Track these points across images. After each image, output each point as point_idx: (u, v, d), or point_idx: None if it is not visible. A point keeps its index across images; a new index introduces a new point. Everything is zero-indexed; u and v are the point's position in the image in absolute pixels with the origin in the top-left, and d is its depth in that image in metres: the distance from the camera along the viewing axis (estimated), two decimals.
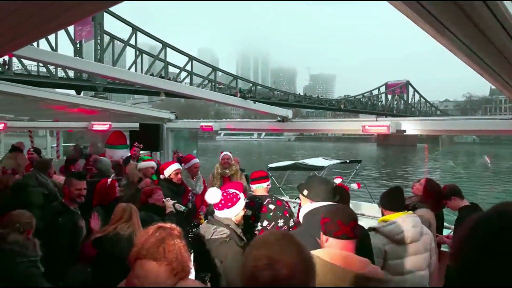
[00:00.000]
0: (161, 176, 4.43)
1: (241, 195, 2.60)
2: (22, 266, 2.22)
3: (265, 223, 3.12)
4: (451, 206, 3.63)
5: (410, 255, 2.66)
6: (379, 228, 2.71)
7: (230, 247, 2.33)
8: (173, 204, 3.51)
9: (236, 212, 2.52)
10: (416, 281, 2.69)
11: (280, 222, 3.15)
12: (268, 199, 3.23)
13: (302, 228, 2.31)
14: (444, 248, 3.89)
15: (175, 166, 4.39)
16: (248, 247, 1.04)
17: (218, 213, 2.52)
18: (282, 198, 3.52)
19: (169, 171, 4.30)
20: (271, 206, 3.18)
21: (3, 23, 1.83)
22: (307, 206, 2.36)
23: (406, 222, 2.68)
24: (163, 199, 3.46)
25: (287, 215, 3.21)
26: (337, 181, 3.82)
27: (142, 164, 4.76)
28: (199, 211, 4.60)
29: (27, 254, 2.28)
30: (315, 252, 1.58)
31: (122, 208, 2.86)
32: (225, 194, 2.56)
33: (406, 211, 2.83)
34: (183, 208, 3.76)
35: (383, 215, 2.89)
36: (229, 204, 2.51)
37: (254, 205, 3.14)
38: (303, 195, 2.47)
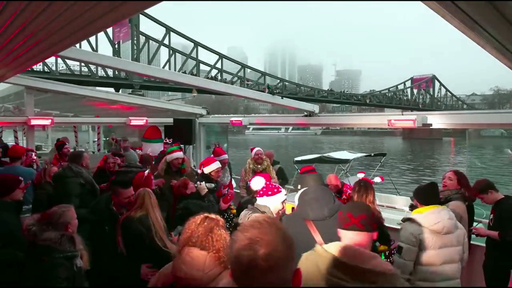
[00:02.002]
0: (199, 171, 4.61)
1: (283, 191, 2.75)
2: (56, 261, 2.19)
3: None
4: (488, 200, 3.54)
5: (444, 247, 2.68)
6: (415, 218, 2.74)
7: None
8: (205, 184, 3.90)
9: (274, 203, 2.66)
10: (449, 273, 2.69)
11: None
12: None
13: (295, 211, 2.48)
14: (475, 242, 3.80)
15: (217, 165, 4.52)
16: (234, 232, 1.08)
17: (258, 200, 2.70)
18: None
19: (210, 169, 4.44)
20: None
21: (52, 25, 2.05)
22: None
23: (442, 213, 2.72)
24: (195, 185, 3.78)
25: None
26: (360, 175, 3.90)
27: (169, 157, 4.89)
28: (228, 201, 4.73)
29: (62, 249, 2.24)
30: (325, 246, 1.61)
31: (137, 194, 3.06)
32: (267, 183, 2.78)
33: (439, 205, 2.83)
34: (213, 185, 4.15)
35: (413, 208, 2.92)
36: (269, 192, 2.67)
37: None
38: (298, 189, 2.71)
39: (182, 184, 3.80)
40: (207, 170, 4.44)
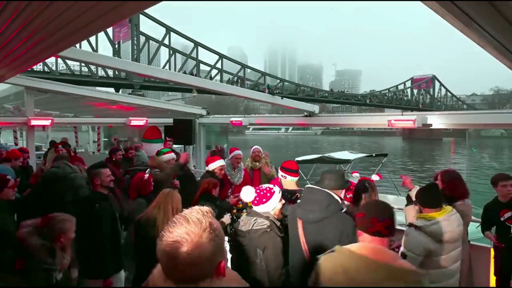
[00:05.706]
0: (206, 168, 4.67)
1: (276, 189, 2.61)
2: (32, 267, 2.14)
3: None
4: None
5: (453, 250, 2.66)
6: (422, 227, 2.61)
7: (271, 236, 2.39)
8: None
9: (272, 206, 2.53)
10: (454, 271, 2.70)
11: None
12: (297, 194, 3.15)
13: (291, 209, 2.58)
14: (478, 243, 3.80)
15: (221, 162, 4.60)
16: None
17: (256, 208, 2.56)
18: None
19: (214, 166, 4.53)
20: None
21: (52, 25, 2.05)
22: None
23: (451, 221, 2.63)
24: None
25: None
26: (354, 175, 3.85)
27: (166, 157, 5.01)
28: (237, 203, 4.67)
29: (39, 259, 2.17)
30: (348, 247, 1.61)
31: (160, 194, 3.01)
32: (258, 190, 2.59)
33: (443, 206, 2.73)
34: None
35: (420, 211, 2.81)
36: (264, 199, 2.54)
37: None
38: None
39: (215, 184, 3.77)
40: (211, 166, 4.52)
